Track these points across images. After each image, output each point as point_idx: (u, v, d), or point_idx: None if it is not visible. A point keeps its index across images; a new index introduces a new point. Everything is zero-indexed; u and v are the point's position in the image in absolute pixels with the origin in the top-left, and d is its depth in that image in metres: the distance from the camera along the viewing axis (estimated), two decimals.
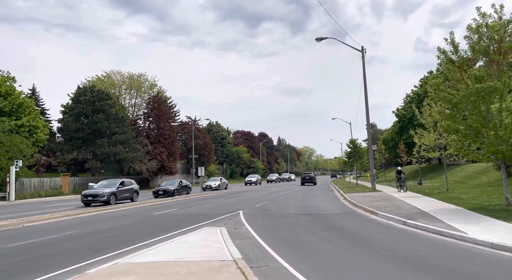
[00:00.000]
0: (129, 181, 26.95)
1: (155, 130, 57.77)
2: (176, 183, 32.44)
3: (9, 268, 7.69)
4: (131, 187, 26.04)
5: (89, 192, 23.75)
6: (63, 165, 49.49)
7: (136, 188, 26.60)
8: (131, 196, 25.64)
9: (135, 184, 27.07)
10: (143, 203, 24.35)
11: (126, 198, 25.29)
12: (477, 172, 32.43)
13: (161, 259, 7.52)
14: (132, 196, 25.75)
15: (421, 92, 45.11)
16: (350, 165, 43.94)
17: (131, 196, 25.63)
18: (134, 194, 26.06)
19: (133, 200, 25.65)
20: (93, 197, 22.96)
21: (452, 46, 14.16)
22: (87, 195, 23.31)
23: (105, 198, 22.93)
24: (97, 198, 22.91)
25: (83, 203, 23.23)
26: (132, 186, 26.33)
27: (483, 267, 6.79)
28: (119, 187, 24.58)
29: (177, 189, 31.02)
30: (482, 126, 13.47)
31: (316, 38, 28.11)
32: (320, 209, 17.68)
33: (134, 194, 25.99)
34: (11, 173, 32.40)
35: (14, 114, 41.04)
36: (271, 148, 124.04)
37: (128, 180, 27.33)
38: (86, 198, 23.15)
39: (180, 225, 13.12)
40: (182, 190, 32.30)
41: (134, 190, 26.20)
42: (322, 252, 8.39)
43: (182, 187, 32.41)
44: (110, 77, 60.04)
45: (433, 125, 23.15)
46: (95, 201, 22.92)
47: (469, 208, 14.06)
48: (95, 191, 23.56)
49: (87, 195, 23.27)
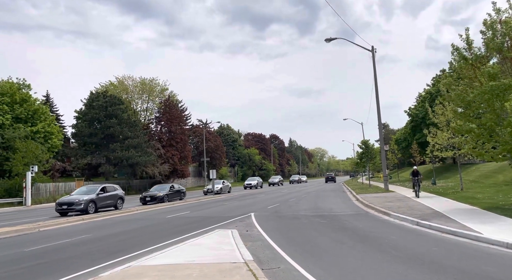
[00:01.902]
0: (113, 186, 24.50)
1: (167, 134, 58.31)
2: (167, 187, 29.72)
3: (26, 271, 7.85)
4: (114, 193, 23.53)
5: (64, 199, 21.39)
6: (78, 170, 50.32)
7: (121, 194, 24.19)
8: (114, 203, 23.08)
9: (119, 189, 24.64)
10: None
11: (109, 206, 22.81)
12: (493, 170, 31.80)
13: (173, 261, 7.58)
14: (116, 203, 23.22)
15: (434, 91, 44.50)
16: (362, 166, 43.55)
17: (114, 203, 23.05)
18: (119, 200, 23.55)
19: (117, 207, 23.12)
20: (68, 205, 20.53)
21: (466, 42, 13.94)
22: (62, 203, 20.87)
23: (81, 207, 20.41)
24: (73, 206, 20.45)
25: (58, 213, 20.70)
26: (116, 192, 23.88)
27: (498, 268, 6.66)
28: (100, 194, 22.07)
29: (167, 194, 28.36)
30: (496, 125, 13.22)
31: (326, 39, 28.04)
32: (332, 210, 17.58)
33: (118, 200, 23.47)
34: (27, 178, 33.07)
35: (29, 120, 41.90)
36: (282, 150, 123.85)
37: (112, 185, 24.90)
38: (60, 206, 20.70)
39: (192, 228, 13.20)
40: (174, 195, 29.58)
41: (119, 197, 23.72)
42: (333, 254, 8.34)
43: (173, 192, 29.67)
44: (122, 82, 60.93)
45: (446, 124, 22.83)
46: (70, 209, 20.53)
47: (484, 208, 13.80)
48: (71, 198, 21.14)
49: (61, 204, 20.82)
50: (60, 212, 20.66)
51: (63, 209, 20.61)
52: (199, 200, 30.30)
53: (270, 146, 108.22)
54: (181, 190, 31.17)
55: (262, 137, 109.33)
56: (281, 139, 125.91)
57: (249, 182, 53.24)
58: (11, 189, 36.08)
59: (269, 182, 60.14)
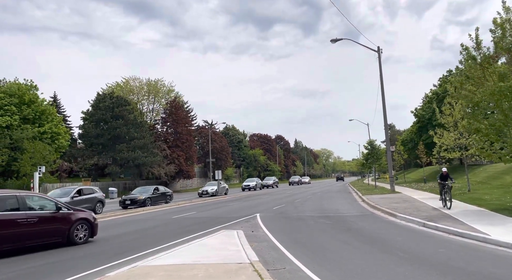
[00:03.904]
0: (90, 188, 22.92)
1: (172, 135, 58.51)
2: (150, 190, 27.32)
3: (34, 271, 7.93)
4: (92, 196, 21.81)
5: None
6: (84, 170, 50.64)
7: (100, 197, 22.38)
8: (92, 207, 20.95)
9: (99, 192, 22.84)
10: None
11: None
12: (501, 172, 31.48)
13: (179, 262, 7.60)
14: (95, 207, 21.29)
15: (440, 92, 44.21)
16: (368, 167, 43.36)
17: (92, 207, 20.83)
18: (98, 204, 21.81)
19: (95, 211, 20.80)
20: None
21: (476, 42, 13.85)
22: None
23: None
24: None
25: None
26: (95, 194, 22.16)
27: (506, 270, 6.59)
28: (75, 196, 20.49)
29: (149, 197, 25.99)
30: (504, 125, 13.11)
31: (331, 40, 27.97)
32: (337, 211, 17.51)
33: (97, 204, 21.72)
34: (35, 179, 33.33)
35: (37, 121, 42.29)
36: (288, 151, 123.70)
37: (89, 187, 23.45)
38: None
39: (197, 229, 13.23)
40: (158, 198, 27.30)
41: (97, 200, 21.98)
42: (339, 255, 8.31)
43: (158, 195, 27.32)
44: (128, 83, 61.28)
45: (453, 125, 22.64)
46: None
47: (492, 209, 13.67)
48: None
49: None
50: None
51: None
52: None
53: (275, 147, 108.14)
54: (166, 192, 28.88)
55: (267, 138, 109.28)
56: (287, 140, 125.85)
57: (247, 183, 50.05)
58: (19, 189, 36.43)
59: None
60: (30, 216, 9.91)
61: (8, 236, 9.42)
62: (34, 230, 9.93)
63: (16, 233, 9.57)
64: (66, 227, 10.77)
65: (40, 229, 10.12)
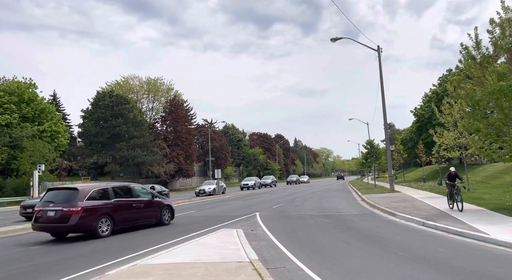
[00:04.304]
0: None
1: (172, 134, 58.50)
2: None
3: (32, 269, 7.93)
4: None
5: (30, 203, 18.85)
6: (84, 169, 50.69)
7: None
8: None
9: None
10: None
11: None
12: (500, 171, 31.51)
13: (178, 260, 7.60)
14: None
15: (440, 91, 44.21)
16: (368, 166, 43.38)
17: None
18: None
19: None
20: (33, 209, 17.26)
21: (475, 42, 13.84)
22: (27, 206, 18.76)
23: None
24: None
25: (24, 217, 18.76)
26: None
27: (505, 269, 6.60)
28: None
29: None
30: (504, 125, 13.11)
31: (332, 39, 27.94)
32: (337, 210, 17.53)
33: None
34: (34, 177, 33.34)
35: (36, 120, 42.27)
36: (287, 150, 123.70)
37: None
38: (25, 210, 18.73)
39: (197, 227, 13.23)
40: None
41: None
42: (339, 254, 8.32)
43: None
44: (128, 82, 61.21)
45: (453, 124, 22.65)
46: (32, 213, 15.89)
47: (491, 209, 13.69)
48: (35, 202, 17.77)
49: (26, 207, 18.78)
50: (26, 216, 18.45)
51: (28, 212, 18.28)
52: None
53: (275, 146, 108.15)
54: (163, 191, 27.86)
55: (267, 137, 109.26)
56: (286, 139, 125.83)
57: (245, 182, 49.18)
58: (18, 188, 36.43)
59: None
60: (139, 202, 13.15)
61: (129, 217, 12.67)
62: (141, 212, 13.16)
63: (133, 214, 12.83)
64: (158, 211, 13.94)
65: (144, 211, 13.30)
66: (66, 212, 11.02)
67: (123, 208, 12.39)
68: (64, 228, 11.26)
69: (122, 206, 12.39)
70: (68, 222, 10.97)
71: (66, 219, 10.99)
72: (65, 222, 11.00)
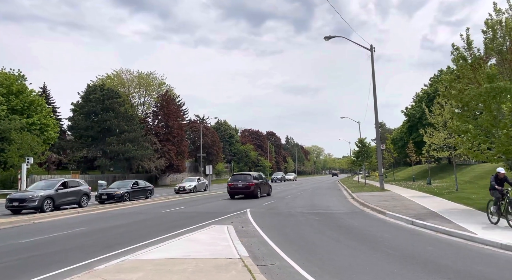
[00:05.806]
0: (76, 181, 21.93)
1: (164, 129, 58.14)
2: (129, 184, 25.75)
3: (19, 263, 7.83)
4: (77, 188, 20.66)
5: (16, 196, 18.70)
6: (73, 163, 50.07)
7: (85, 190, 21.17)
8: (77, 200, 20.29)
9: (84, 185, 21.78)
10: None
11: (71, 203, 20.10)
12: (488, 172, 31.97)
13: (168, 256, 7.57)
14: (80, 200, 20.43)
15: (431, 91, 44.65)
16: (359, 164, 43.71)
17: (77, 200, 20.28)
18: (83, 197, 20.70)
19: (81, 205, 20.31)
20: (20, 202, 17.91)
21: (467, 42, 13.98)
22: (13, 199, 18.26)
23: (35, 204, 17.84)
24: (25, 203, 17.83)
25: (10, 210, 18.26)
26: (80, 187, 21.01)
27: (492, 268, 6.71)
28: (60, 189, 19.39)
29: (128, 192, 24.49)
30: (492, 126, 13.29)
31: (325, 37, 27.98)
32: (327, 208, 17.63)
33: (82, 197, 20.64)
34: (22, 170, 32.90)
35: (25, 112, 41.64)
36: (279, 147, 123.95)
37: (75, 180, 22.42)
38: (11, 203, 18.18)
39: (187, 223, 13.20)
40: (138, 193, 25.89)
41: (83, 193, 20.82)
42: (329, 251, 8.37)
43: (137, 190, 25.92)
44: (119, 75, 60.53)
45: (442, 125, 22.90)
46: (22, 207, 17.89)
47: (479, 208, 13.90)
48: (23, 195, 18.53)
49: (12, 200, 18.27)
50: (12, 210, 18.07)
51: (13, 206, 18.00)
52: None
53: (266, 143, 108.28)
54: (147, 187, 27.63)
55: (259, 134, 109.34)
56: (278, 136, 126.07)
57: None
58: (6, 181, 35.91)
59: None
60: (263, 183, 26.50)
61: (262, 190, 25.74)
62: (265, 188, 26.72)
63: (265, 188, 26.67)
64: (269, 189, 27.59)
65: (264, 188, 26.39)
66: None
67: None
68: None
69: None
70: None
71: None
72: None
